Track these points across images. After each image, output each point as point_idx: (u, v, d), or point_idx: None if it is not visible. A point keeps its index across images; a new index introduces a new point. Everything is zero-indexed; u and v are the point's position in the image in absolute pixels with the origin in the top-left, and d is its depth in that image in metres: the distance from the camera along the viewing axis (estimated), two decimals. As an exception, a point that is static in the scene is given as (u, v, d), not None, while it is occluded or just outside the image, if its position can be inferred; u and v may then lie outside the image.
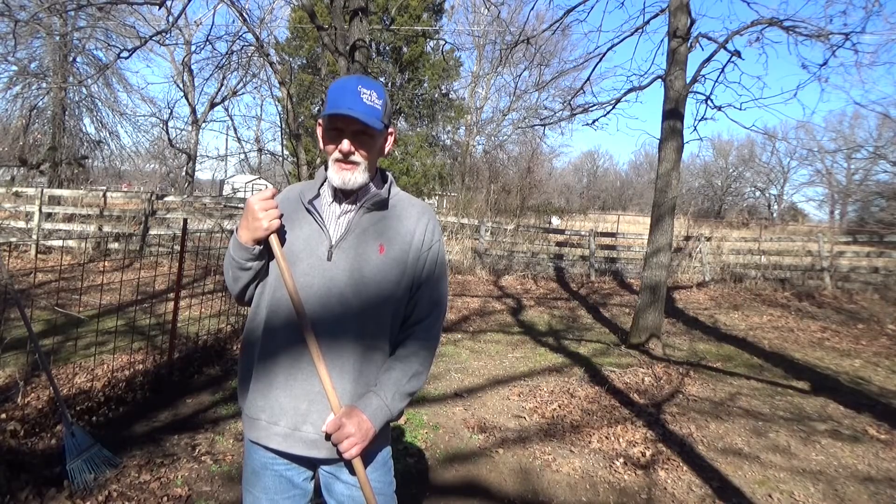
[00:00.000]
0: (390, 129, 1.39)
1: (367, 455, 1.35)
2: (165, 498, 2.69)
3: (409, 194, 1.46)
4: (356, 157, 1.30)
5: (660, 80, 6.57)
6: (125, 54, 6.33)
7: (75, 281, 7.49)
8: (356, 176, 1.31)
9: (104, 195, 11.06)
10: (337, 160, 1.31)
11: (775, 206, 44.56)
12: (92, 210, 10.65)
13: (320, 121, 1.36)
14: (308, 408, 1.30)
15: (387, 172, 1.45)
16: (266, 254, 1.35)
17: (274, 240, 1.29)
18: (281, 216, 1.31)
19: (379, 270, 1.32)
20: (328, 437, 1.28)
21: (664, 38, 6.65)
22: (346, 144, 1.28)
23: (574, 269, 12.01)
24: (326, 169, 1.36)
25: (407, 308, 1.39)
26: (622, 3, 7.72)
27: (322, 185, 1.39)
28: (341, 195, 1.36)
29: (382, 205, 1.36)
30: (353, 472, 1.32)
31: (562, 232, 13.35)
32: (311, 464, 1.41)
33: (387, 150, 1.41)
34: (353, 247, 1.32)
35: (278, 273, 1.31)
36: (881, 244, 13.11)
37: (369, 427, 1.28)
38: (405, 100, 19.34)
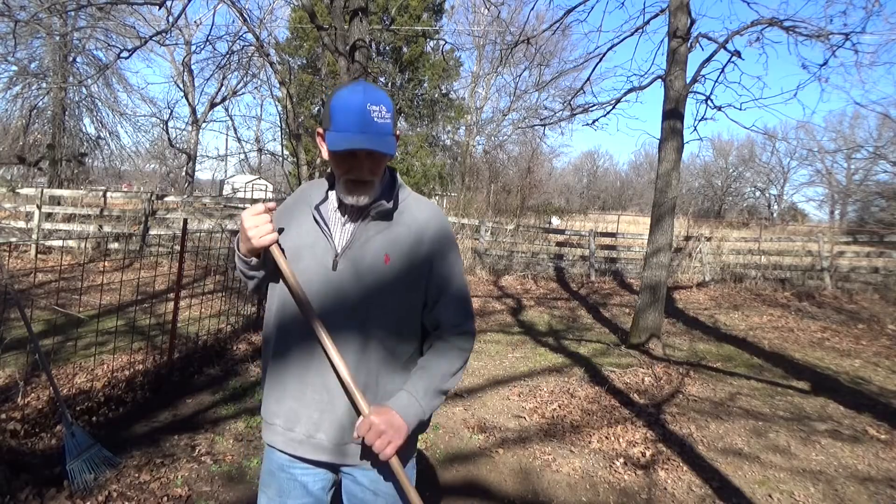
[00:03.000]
0: (397, 132, 1.35)
1: (386, 463, 1.28)
2: (165, 498, 2.69)
3: (418, 196, 1.42)
4: (369, 176, 1.27)
5: (660, 80, 6.57)
6: (125, 54, 6.33)
7: (75, 281, 7.49)
8: (370, 194, 1.29)
9: (104, 195, 11.07)
10: (349, 180, 1.27)
11: (775, 206, 44.57)
12: (92, 210, 10.66)
13: (320, 130, 1.31)
14: (320, 417, 1.30)
15: (395, 174, 1.40)
16: (270, 261, 1.34)
17: (276, 252, 1.27)
18: (281, 230, 1.30)
19: (384, 281, 1.29)
20: (362, 442, 1.24)
21: (664, 38, 6.65)
22: (361, 174, 1.25)
23: (574, 269, 12.01)
24: (334, 178, 1.34)
25: (431, 316, 1.37)
26: (622, 3, 7.73)
27: (330, 188, 1.38)
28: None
29: (388, 214, 1.34)
30: (386, 476, 1.30)
31: (562, 232, 13.34)
32: (332, 468, 1.39)
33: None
34: (359, 257, 1.30)
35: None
36: (881, 244, 13.11)
37: (402, 423, 1.24)
38: (405, 100, 19.35)
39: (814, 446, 3.84)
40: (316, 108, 18.89)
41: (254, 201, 12.09)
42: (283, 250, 1.30)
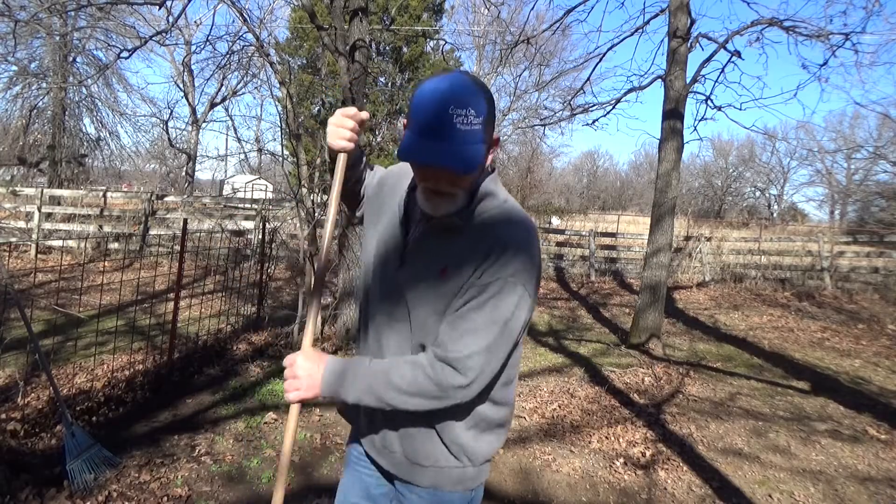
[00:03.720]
0: (494, 136, 1.13)
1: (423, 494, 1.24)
2: (165, 498, 2.69)
3: (508, 210, 1.19)
4: (448, 189, 1.11)
5: (660, 80, 6.57)
6: (125, 54, 6.31)
7: (75, 281, 7.49)
8: (448, 206, 1.14)
9: (104, 195, 11.07)
10: (427, 188, 1.13)
11: (775, 206, 44.55)
12: (92, 210, 10.66)
13: (405, 121, 1.12)
14: (368, 419, 1.31)
15: (482, 181, 1.19)
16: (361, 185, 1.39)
17: (339, 162, 1.25)
18: (355, 144, 1.25)
19: (435, 295, 1.16)
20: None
21: (664, 38, 6.65)
22: (438, 185, 1.11)
23: (574, 269, 12.01)
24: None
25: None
26: (622, 3, 7.73)
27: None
28: None
29: (457, 230, 1.17)
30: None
31: (562, 232, 13.35)
32: (389, 477, 1.33)
33: (489, 161, 1.16)
34: (420, 260, 1.21)
35: (364, 282, 1.34)
36: (881, 244, 13.11)
37: (317, 383, 1.13)
38: (405, 100, 19.35)
39: (814, 446, 3.84)
40: (316, 108, 18.89)
41: (254, 201, 12.08)
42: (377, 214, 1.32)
